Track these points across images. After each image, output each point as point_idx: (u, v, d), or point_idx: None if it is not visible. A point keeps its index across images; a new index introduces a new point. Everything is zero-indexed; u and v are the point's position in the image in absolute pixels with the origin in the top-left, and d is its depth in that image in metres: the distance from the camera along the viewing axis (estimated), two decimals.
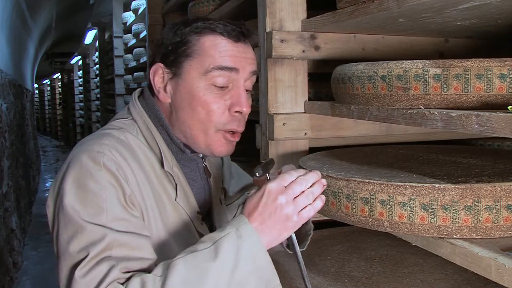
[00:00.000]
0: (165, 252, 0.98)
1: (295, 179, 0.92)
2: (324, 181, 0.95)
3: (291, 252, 1.00)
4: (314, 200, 0.92)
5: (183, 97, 1.04)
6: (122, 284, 0.85)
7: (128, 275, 0.86)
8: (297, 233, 1.13)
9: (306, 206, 0.91)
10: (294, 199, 0.90)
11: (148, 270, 0.88)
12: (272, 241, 0.90)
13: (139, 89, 1.15)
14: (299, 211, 0.90)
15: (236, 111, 1.04)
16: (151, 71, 1.08)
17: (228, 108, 1.04)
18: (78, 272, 0.85)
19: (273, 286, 0.88)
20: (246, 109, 1.05)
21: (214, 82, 1.02)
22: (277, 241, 0.91)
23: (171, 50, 1.05)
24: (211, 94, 1.03)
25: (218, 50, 1.02)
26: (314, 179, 0.93)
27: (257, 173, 0.93)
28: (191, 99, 1.03)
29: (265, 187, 0.91)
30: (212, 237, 0.88)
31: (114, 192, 0.92)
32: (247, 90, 1.08)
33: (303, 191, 0.91)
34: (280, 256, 1.33)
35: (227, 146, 1.07)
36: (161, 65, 1.06)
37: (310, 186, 0.92)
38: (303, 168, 1.19)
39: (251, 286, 0.85)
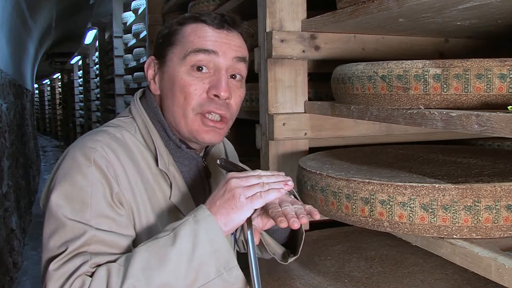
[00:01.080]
0: None
1: (255, 175, 0.93)
2: (290, 181, 0.95)
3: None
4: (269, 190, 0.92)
5: (166, 85, 1.06)
6: (91, 276, 0.87)
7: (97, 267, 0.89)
8: (293, 236, 1.13)
9: (259, 194, 0.91)
10: (247, 186, 0.91)
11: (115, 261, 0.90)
12: (226, 222, 0.90)
13: (141, 89, 1.17)
14: (249, 196, 0.91)
15: (214, 95, 1.03)
16: (145, 65, 1.11)
17: (206, 91, 1.03)
18: (52, 266, 0.87)
19: (231, 267, 0.89)
20: (225, 94, 1.02)
21: (192, 64, 1.02)
22: (231, 222, 0.90)
23: (161, 43, 1.09)
24: (189, 78, 1.03)
25: (198, 35, 1.04)
26: (276, 178, 0.94)
27: (218, 161, 0.99)
28: (172, 85, 1.04)
29: (226, 177, 0.94)
30: (173, 225, 0.91)
31: (101, 189, 0.93)
32: (233, 77, 1.06)
33: (258, 183, 0.92)
34: None
35: (210, 133, 1.05)
36: (153, 57, 1.10)
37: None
38: (304, 169, 1.19)
39: (210, 267, 0.87)
